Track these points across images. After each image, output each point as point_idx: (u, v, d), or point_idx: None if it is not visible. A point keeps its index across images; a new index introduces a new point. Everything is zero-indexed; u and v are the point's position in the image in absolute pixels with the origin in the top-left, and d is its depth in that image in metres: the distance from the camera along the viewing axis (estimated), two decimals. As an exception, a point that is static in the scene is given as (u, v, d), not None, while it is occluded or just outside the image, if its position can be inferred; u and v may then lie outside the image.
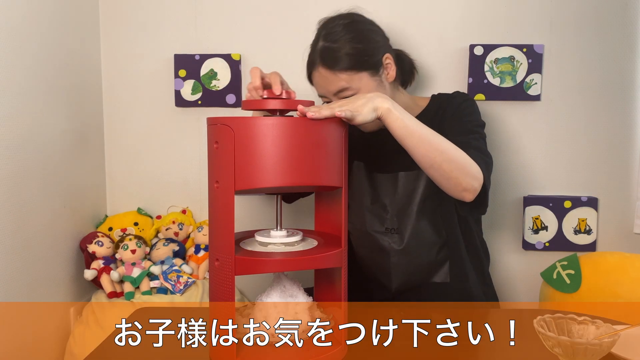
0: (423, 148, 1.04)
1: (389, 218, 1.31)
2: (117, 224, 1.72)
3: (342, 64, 1.20)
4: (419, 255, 1.29)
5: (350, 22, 1.25)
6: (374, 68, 1.23)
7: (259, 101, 0.91)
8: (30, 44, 1.41)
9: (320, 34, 1.25)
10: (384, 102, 1.01)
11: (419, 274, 1.31)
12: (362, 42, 1.23)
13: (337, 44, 1.21)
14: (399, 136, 1.03)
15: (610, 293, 1.42)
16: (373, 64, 1.23)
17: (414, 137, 1.03)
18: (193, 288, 1.60)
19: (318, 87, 1.26)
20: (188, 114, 1.76)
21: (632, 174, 1.67)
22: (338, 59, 1.20)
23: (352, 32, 1.23)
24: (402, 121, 1.02)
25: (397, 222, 1.30)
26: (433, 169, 1.06)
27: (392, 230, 1.30)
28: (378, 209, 1.32)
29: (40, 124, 1.45)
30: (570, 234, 1.68)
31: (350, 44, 1.21)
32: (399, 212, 1.30)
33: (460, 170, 1.06)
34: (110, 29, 1.75)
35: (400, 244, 1.29)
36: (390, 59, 1.27)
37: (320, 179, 0.87)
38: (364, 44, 1.23)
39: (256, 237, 0.94)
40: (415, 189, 1.28)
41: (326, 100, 1.26)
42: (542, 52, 1.63)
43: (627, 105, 1.65)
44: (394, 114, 1.01)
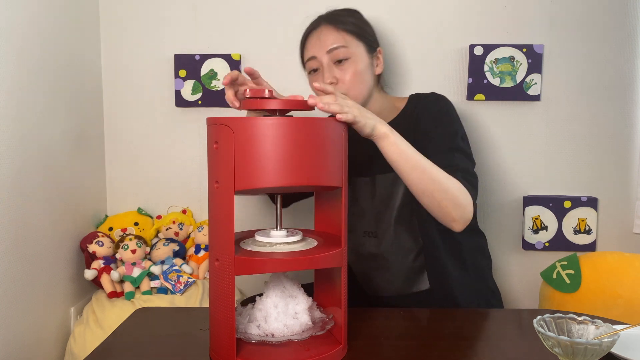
0: (416, 175, 1.05)
1: (367, 221, 1.30)
2: (117, 224, 1.72)
3: (347, 25, 1.26)
4: (396, 260, 1.27)
5: (353, 10, 1.35)
6: (370, 47, 1.29)
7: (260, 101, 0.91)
8: (30, 45, 1.41)
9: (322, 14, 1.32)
10: (383, 127, 1.03)
11: (398, 282, 1.28)
12: (364, 24, 1.32)
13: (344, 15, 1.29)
14: (394, 161, 1.04)
15: (610, 293, 1.43)
16: (370, 43, 1.29)
17: (409, 164, 1.04)
18: (193, 288, 1.60)
19: (312, 46, 1.26)
20: (188, 114, 1.76)
21: (632, 174, 1.67)
22: (344, 21, 1.27)
23: (356, 15, 1.33)
24: (398, 147, 1.03)
25: (375, 225, 1.29)
26: (425, 196, 1.07)
27: (370, 233, 1.30)
28: (357, 212, 1.32)
29: (41, 124, 1.45)
30: (570, 234, 1.68)
31: (355, 18, 1.30)
32: (377, 216, 1.29)
33: (452, 200, 1.07)
34: (110, 29, 1.75)
35: (378, 248, 1.29)
36: (381, 54, 1.33)
37: (320, 179, 0.87)
38: (367, 26, 1.32)
39: (256, 237, 0.94)
40: (393, 193, 1.27)
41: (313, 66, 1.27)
42: (542, 52, 1.63)
43: (627, 106, 1.65)
44: (390, 139, 1.03)
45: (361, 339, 0.98)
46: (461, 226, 1.11)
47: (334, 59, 1.23)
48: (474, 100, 1.66)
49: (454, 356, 0.92)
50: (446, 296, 1.25)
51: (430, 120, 1.25)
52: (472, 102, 1.67)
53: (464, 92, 1.67)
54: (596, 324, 0.83)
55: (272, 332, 0.91)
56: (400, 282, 1.28)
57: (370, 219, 1.30)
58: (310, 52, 1.27)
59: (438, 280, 1.26)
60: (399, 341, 0.98)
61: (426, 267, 1.27)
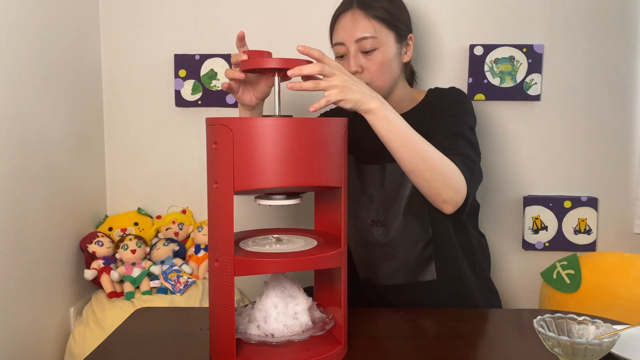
0: (406, 153, 1.02)
1: (376, 210, 1.29)
2: (117, 224, 1.72)
3: (379, 12, 1.22)
4: (404, 250, 1.27)
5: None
6: (400, 36, 1.26)
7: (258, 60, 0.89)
8: (30, 44, 1.41)
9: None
10: (372, 102, 0.99)
11: (404, 270, 1.28)
12: (398, 9, 1.27)
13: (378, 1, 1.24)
14: (383, 136, 1.02)
15: (610, 293, 1.43)
16: (401, 32, 1.25)
17: (399, 140, 1.02)
18: (193, 288, 1.60)
19: (342, 31, 1.24)
20: (188, 114, 1.76)
21: (632, 174, 1.67)
22: (376, 7, 1.22)
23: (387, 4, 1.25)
24: (388, 122, 1.00)
25: (384, 214, 1.28)
26: (414, 175, 1.05)
27: (378, 222, 1.29)
28: (365, 201, 1.31)
29: (41, 124, 1.45)
30: (570, 234, 1.68)
31: (390, 5, 1.24)
32: (386, 204, 1.28)
33: (442, 181, 1.04)
34: (110, 29, 1.75)
35: (385, 237, 1.28)
36: (412, 40, 1.30)
37: (320, 179, 0.87)
38: (400, 11, 1.27)
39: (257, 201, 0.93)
40: (403, 183, 1.26)
41: (340, 51, 1.25)
42: (542, 52, 1.63)
43: (627, 105, 1.65)
44: (379, 113, 1.00)
45: (361, 339, 0.98)
46: (452, 208, 1.07)
47: (362, 49, 1.21)
48: (474, 100, 1.66)
49: (454, 356, 0.92)
50: (452, 289, 1.26)
51: (443, 109, 1.26)
52: (472, 102, 1.67)
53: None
54: (596, 324, 0.83)
55: (272, 333, 0.91)
56: (406, 271, 1.28)
57: (379, 208, 1.29)
58: (339, 37, 1.24)
59: (446, 272, 1.26)
60: (399, 341, 0.98)
61: (434, 258, 1.27)
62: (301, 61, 0.91)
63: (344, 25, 1.23)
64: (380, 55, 1.21)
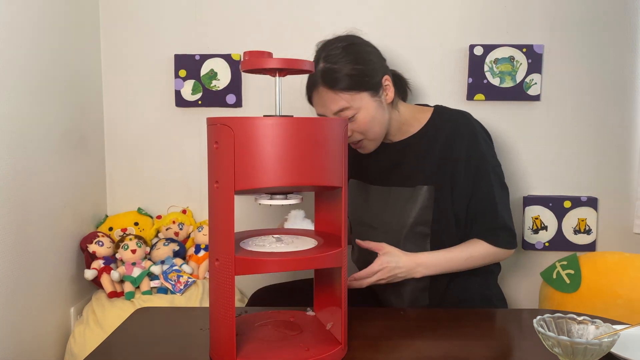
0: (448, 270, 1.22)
1: (375, 234, 1.28)
2: (117, 224, 1.72)
3: (343, 83, 1.19)
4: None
5: (349, 45, 1.23)
6: (374, 89, 1.23)
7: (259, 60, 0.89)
8: (30, 44, 1.41)
9: (320, 56, 1.23)
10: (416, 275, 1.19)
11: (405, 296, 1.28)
12: (362, 63, 1.22)
13: (337, 65, 1.20)
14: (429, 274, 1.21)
15: (610, 293, 1.43)
16: (373, 84, 1.22)
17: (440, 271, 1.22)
18: (193, 288, 1.60)
19: (318, 106, 1.26)
20: (188, 114, 1.76)
21: (632, 174, 1.67)
22: (339, 79, 1.19)
23: (352, 54, 1.22)
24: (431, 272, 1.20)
25: (383, 238, 1.25)
26: None
27: None
28: (367, 221, 1.32)
29: (40, 124, 1.45)
30: (570, 234, 1.68)
31: (351, 65, 1.20)
32: (388, 228, 1.27)
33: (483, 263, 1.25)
34: (110, 29, 1.75)
35: None
36: (389, 80, 1.26)
37: (320, 179, 0.87)
38: (364, 65, 1.22)
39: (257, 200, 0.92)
40: (407, 211, 1.25)
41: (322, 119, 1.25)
42: (541, 52, 1.63)
43: (627, 105, 1.65)
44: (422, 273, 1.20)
45: (361, 339, 0.98)
46: None
47: (343, 116, 1.20)
48: (474, 100, 1.66)
49: (454, 356, 0.92)
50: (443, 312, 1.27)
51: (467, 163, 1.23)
52: (472, 102, 1.67)
53: (464, 92, 1.67)
54: (596, 324, 0.83)
55: None
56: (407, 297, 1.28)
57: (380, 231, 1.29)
58: (318, 110, 1.26)
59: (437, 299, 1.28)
60: (399, 341, 0.98)
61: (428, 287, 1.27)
62: (302, 61, 0.91)
63: (318, 101, 1.24)
64: (362, 116, 1.21)
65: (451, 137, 1.25)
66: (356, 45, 1.25)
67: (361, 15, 1.68)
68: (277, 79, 0.93)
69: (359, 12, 1.68)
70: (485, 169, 1.24)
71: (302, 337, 0.95)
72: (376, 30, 1.68)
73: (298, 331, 0.97)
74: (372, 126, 1.23)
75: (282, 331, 0.97)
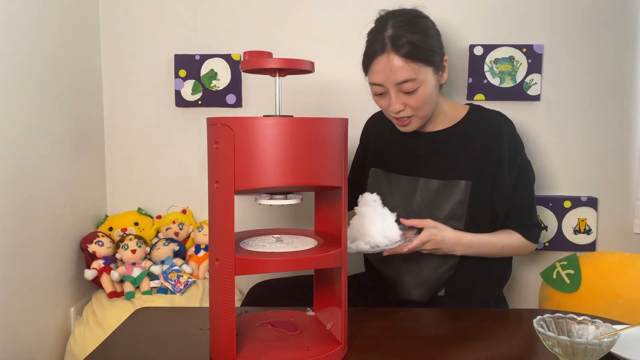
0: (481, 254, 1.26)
1: None
2: (117, 224, 1.72)
3: (414, 53, 1.17)
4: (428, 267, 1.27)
5: (419, 17, 1.23)
6: (437, 66, 1.23)
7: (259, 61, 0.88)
8: (30, 44, 1.41)
9: (387, 23, 1.20)
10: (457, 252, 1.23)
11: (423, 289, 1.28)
12: (430, 38, 1.21)
13: (409, 33, 1.18)
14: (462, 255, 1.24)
15: (610, 293, 1.43)
16: (437, 62, 1.22)
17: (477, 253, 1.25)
18: (193, 288, 1.60)
19: (379, 75, 1.20)
20: (188, 114, 1.76)
21: (632, 174, 1.67)
22: (411, 48, 1.17)
23: (422, 26, 1.21)
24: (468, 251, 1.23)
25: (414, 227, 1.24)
26: None
27: None
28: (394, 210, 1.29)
29: (40, 124, 1.45)
30: (570, 234, 1.68)
31: (421, 36, 1.19)
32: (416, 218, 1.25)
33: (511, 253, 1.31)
34: (110, 29, 1.75)
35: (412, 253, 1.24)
36: (447, 62, 1.27)
37: (320, 179, 0.87)
38: (431, 40, 1.22)
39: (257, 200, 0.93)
40: (440, 204, 1.25)
41: (378, 91, 1.23)
42: (541, 52, 1.63)
43: (627, 105, 1.65)
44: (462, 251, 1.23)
45: (361, 339, 0.98)
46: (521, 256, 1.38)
47: (402, 90, 1.20)
48: (474, 100, 1.66)
49: (454, 356, 0.92)
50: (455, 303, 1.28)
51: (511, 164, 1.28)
52: (472, 102, 1.67)
53: (464, 92, 1.67)
54: (596, 324, 0.83)
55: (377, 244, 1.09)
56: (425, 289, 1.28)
57: None
58: (377, 79, 1.21)
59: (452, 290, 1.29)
60: (399, 341, 0.98)
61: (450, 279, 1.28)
62: (302, 61, 0.91)
63: (381, 68, 1.19)
64: (421, 92, 1.20)
65: (493, 136, 1.27)
66: (425, 19, 1.25)
67: (361, 15, 1.68)
68: (277, 79, 0.93)
69: (359, 12, 1.68)
70: (526, 170, 1.30)
71: (302, 337, 0.95)
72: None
73: (298, 331, 0.97)
74: (427, 103, 1.22)
75: (282, 331, 0.97)
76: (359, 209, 1.15)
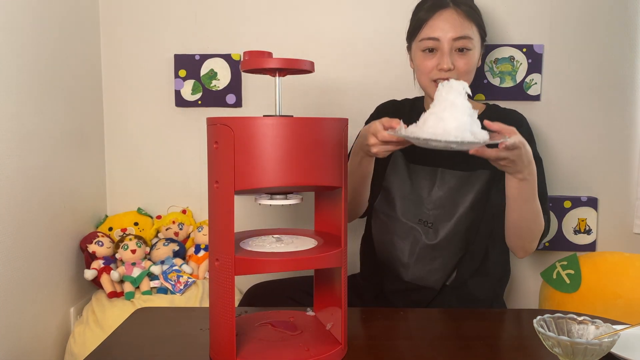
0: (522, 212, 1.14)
1: (426, 211, 1.29)
2: (117, 224, 1.72)
3: (473, 15, 1.24)
4: (444, 255, 1.28)
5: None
6: (483, 38, 1.28)
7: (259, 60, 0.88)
8: (30, 44, 1.41)
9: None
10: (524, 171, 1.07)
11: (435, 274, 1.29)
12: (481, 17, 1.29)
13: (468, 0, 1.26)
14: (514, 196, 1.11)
15: (610, 293, 1.43)
16: (484, 35, 1.28)
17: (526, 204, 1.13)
18: (193, 288, 1.60)
19: (437, 28, 1.22)
20: (188, 114, 1.76)
21: (632, 174, 1.67)
22: (471, 10, 1.24)
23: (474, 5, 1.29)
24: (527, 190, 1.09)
25: (434, 217, 1.28)
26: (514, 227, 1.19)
27: (426, 223, 1.29)
28: (414, 199, 1.30)
29: (40, 124, 1.45)
30: (570, 234, 1.68)
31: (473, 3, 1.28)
32: (440, 209, 1.28)
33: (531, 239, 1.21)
34: (110, 29, 1.75)
35: (433, 239, 1.28)
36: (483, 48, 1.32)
37: (320, 179, 0.87)
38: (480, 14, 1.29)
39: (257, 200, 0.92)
40: (462, 194, 1.26)
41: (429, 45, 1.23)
42: (542, 52, 1.64)
43: (627, 105, 1.65)
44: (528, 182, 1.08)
45: (361, 339, 0.98)
46: (523, 255, 1.26)
47: (456, 47, 1.22)
48: (474, 100, 1.66)
49: (453, 356, 0.92)
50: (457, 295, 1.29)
51: None
52: (472, 102, 1.67)
53: (464, 92, 1.67)
54: (596, 324, 0.83)
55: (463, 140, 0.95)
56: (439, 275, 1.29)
57: (430, 210, 1.29)
58: (434, 33, 1.23)
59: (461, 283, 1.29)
60: (399, 341, 0.98)
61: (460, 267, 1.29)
62: (302, 61, 0.91)
63: (441, 22, 1.22)
64: (470, 56, 1.23)
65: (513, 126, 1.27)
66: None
67: (362, 15, 1.68)
68: (277, 79, 0.93)
69: (359, 13, 1.68)
70: (540, 162, 1.28)
71: (302, 337, 0.95)
72: (376, 31, 1.68)
73: (298, 331, 0.97)
74: (471, 70, 1.25)
75: (282, 331, 0.97)
76: (445, 95, 1.03)
